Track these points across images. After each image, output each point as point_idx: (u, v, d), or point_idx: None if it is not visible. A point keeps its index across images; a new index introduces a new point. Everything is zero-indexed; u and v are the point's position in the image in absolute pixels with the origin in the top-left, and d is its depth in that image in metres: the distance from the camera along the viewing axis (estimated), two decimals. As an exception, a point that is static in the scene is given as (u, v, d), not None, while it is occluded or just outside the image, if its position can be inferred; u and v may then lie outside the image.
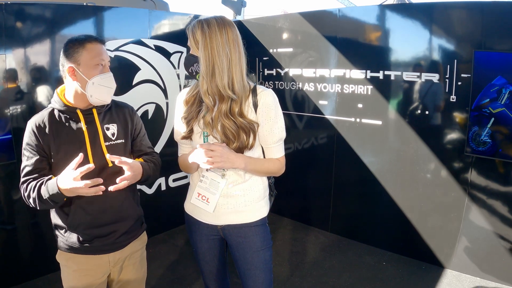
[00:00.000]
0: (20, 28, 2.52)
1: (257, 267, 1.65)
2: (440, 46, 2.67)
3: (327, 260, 3.17)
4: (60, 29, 2.72)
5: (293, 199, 3.92)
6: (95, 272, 1.62)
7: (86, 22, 2.89)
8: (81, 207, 1.55)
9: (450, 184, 2.76)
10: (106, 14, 2.98)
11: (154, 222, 3.50)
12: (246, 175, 1.60)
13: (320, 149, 3.59)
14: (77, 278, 1.60)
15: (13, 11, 2.47)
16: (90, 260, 1.60)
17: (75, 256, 1.59)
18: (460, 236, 2.77)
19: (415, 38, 2.78)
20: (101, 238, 1.59)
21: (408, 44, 2.83)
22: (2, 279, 2.65)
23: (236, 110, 1.49)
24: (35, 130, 1.49)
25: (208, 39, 1.44)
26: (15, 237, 2.69)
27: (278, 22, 3.64)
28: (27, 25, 2.56)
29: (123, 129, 1.65)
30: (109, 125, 1.61)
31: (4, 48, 2.44)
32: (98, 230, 1.58)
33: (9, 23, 2.45)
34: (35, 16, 2.60)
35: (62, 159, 1.49)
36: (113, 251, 1.63)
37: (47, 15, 2.64)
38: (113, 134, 1.60)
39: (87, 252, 1.58)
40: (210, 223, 1.64)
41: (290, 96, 3.69)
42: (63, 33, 2.71)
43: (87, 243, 1.57)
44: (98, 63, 1.49)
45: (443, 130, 2.77)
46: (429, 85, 2.74)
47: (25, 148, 1.51)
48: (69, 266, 1.61)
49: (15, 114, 2.55)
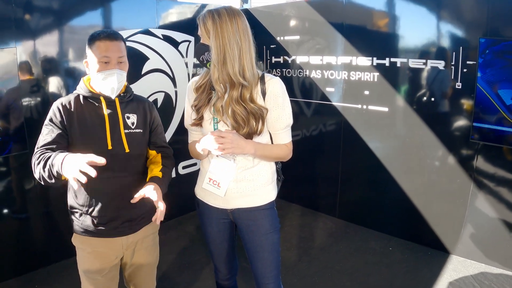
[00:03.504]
0: (29, 20, 2.57)
1: (265, 249, 1.71)
2: (445, 33, 2.68)
3: (334, 245, 3.23)
4: (68, 21, 2.76)
5: (301, 185, 3.98)
6: (108, 255, 1.68)
7: (94, 13, 2.92)
8: (98, 190, 1.59)
9: (456, 170, 2.79)
10: (114, 4, 3.01)
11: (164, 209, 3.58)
12: (255, 161, 1.65)
13: (327, 135, 3.62)
14: (91, 260, 1.67)
15: (22, 4, 2.51)
16: (104, 242, 1.66)
17: (90, 239, 1.65)
18: (466, 223, 2.81)
19: (421, 25, 2.79)
20: (115, 222, 1.64)
21: (414, 31, 2.84)
22: (16, 267, 2.75)
23: (247, 96, 1.54)
24: (60, 108, 1.56)
25: (219, 28, 1.48)
26: (28, 226, 2.77)
27: (285, 10, 3.65)
28: (36, 18, 2.61)
29: (142, 120, 1.70)
30: (129, 115, 1.67)
31: (15, 40, 2.49)
32: (112, 213, 1.63)
33: (18, 16, 2.50)
34: (44, 8, 2.64)
35: (81, 140, 1.55)
36: (126, 235, 1.69)
37: (55, 7, 2.69)
38: (132, 123, 1.66)
39: (101, 235, 1.64)
40: (220, 207, 1.70)
41: (297, 84, 3.72)
42: (72, 24, 2.76)
43: (102, 226, 1.63)
44: (102, 61, 1.55)
45: (449, 117, 2.78)
46: (435, 72, 2.75)
47: (47, 124, 1.56)
48: (84, 248, 1.67)
49: (27, 105, 2.61)
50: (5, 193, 2.62)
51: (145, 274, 1.86)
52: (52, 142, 1.51)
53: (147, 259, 1.82)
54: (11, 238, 2.72)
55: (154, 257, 1.88)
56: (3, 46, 2.45)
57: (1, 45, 2.44)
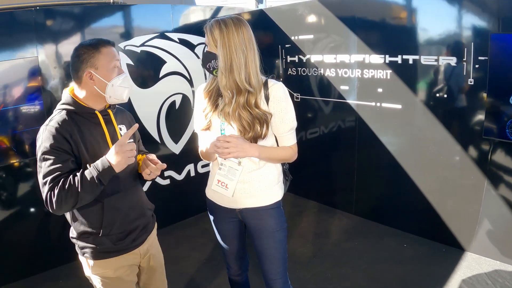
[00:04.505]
0: (50, 30, 2.75)
1: (272, 246, 1.79)
2: (457, 29, 2.65)
3: (348, 242, 3.27)
4: (87, 29, 2.94)
5: (319, 182, 4.03)
6: (131, 269, 1.69)
7: (112, 20, 3.09)
8: (113, 207, 1.58)
9: (470, 167, 2.77)
10: (131, 11, 3.16)
11: (183, 207, 3.72)
12: (260, 163, 1.73)
13: (343, 133, 3.65)
14: (117, 283, 1.64)
15: (43, 15, 2.69)
16: (124, 259, 1.64)
17: (109, 261, 1.60)
18: (480, 219, 2.79)
19: (432, 22, 2.77)
20: (132, 234, 1.65)
21: (425, 27, 2.82)
22: (35, 264, 2.94)
23: (253, 102, 1.62)
24: (60, 130, 1.44)
25: (226, 38, 1.56)
26: (49, 222, 2.96)
27: (298, 10, 3.69)
28: (56, 27, 2.78)
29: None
30: (121, 126, 1.68)
31: (37, 48, 2.66)
32: (129, 226, 1.64)
33: (40, 26, 2.67)
34: (63, 18, 2.82)
35: (90, 159, 1.49)
36: (142, 244, 1.71)
37: (74, 16, 2.86)
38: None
39: (122, 252, 1.62)
40: (229, 207, 1.79)
41: (313, 82, 3.76)
42: (90, 32, 2.93)
43: (120, 242, 1.61)
44: (115, 66, 1.55)
45: (462, 113, 2.76)
46: (447, 68, 2.74)
47: (49, 151, 1.42)
48: (105, 273, 1.61)
49: (48, 110, 2.75)
50: (32, 193, 2.81)
51: (160, 275, 1.90)
52: (66, 171, 1.43)
53: (159, 261, 1.87)
54: (40, 234, 2.93)
55: (162, 258, 1.92)
56: (24, 54, 2.62)
57: (23, 52, 2.62)
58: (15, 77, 2.62)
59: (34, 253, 2.93)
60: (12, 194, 2.80)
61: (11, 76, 2.59)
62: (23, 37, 2.62)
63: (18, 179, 2.80)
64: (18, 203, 2.82)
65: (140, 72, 3.28)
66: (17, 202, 2.82)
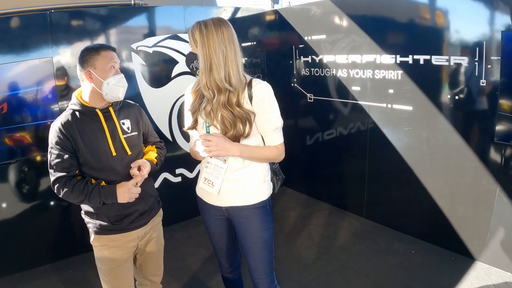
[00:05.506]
0: (64, 32, 2.88)
1: (257, 246, 1.80)
2: (468, 28, 2.53)
3: (356, 245, 3.21)
4: (101, 30, 3.05)
5: (330, 184, 3.98)
6: (126, 247, 1.86)
7: (126, 22, 3.18)
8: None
9: (481, 172, 2.64)
10: (144, 13, 3.25)
11: (195, 204, 3.77)
12: (245, 162, 1.74)
13: (355, 135, 3.58)
14: (113, 250, 1.83)
15: (58, 17, 2.83)
16: (122, 237, 1.83)
17: (109, 236, 1.81)
18: (492, 227, 2.65)
19: (443, 21, 2.67)
20: (130, 217, 1.83)
21: (436, 27, 2.72)
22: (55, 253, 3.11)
23: (234, 100, 1.63)
24: (62, 129, 1.68)
25: (205, 38, 1.59)
26: (70, 213, 3.11)
27: (311, 10, 3.66)
28: (70, 29, 2.92)
29: (135, 123, 1.89)
30: (124, 120, 1.85)
31: (52, 51, 2.80)
32: (126, 210, 1.81)
33: (54, 28, 2.81)
34: (77, 20, 2.96)
35: (89, 154, 1.71)
36: (140, 227, 1.88)
37: (85, 21, 2.99)
38: (128, 128, 1.85)
39: (119, 231, 1.82)
40: (216, 204, 1.82)
41: (326, 83, 3.71)
42: (106, 34, 3.04)
43: (118, 223, 1.81)
44: (112, 67, 1.74)
45: (473, 116, 2.64)
46: (458, 68, 2.62)
47: (54, 147, 1.69)
48: (103, 246, 1.83)
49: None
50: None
51: (156, 259, 2.06)
52: (69, 167, 1.69)
53: (157, 246, 2.03)
54: (57, 225, 3.09)
55: (162, 244, 2.09)
56: (40, 55, 2.77)
57: (38, 53, 2.77)
58: (31, 77, 2.77)
59: (47, 243, 3.10)
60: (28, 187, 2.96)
61: (27, 76, 2.75)
62: (39, 39, 2.76)
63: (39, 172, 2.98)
64: (26, 196, 2.99)
65: (153, 71, 3.37)
66: (26, 195, 2.99)
